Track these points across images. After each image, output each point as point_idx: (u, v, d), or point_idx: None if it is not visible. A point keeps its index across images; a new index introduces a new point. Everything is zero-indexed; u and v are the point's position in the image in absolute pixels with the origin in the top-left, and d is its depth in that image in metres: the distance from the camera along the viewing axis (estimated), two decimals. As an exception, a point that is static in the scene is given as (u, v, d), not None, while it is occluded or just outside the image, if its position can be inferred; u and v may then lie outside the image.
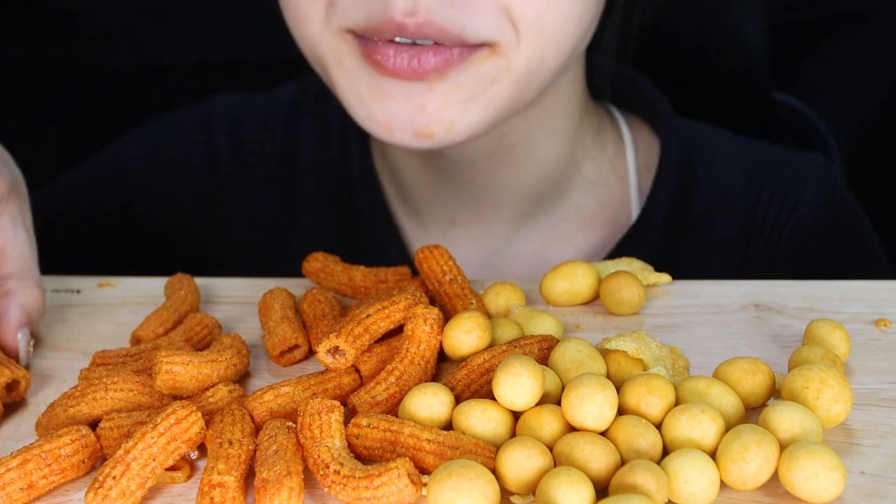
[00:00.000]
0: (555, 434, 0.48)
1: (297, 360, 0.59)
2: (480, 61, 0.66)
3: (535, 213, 0.84)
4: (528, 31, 0.65)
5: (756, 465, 0.45)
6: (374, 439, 0.49)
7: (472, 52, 0.65)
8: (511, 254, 0.85)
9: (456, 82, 0.66)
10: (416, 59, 0.64)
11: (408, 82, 0.65)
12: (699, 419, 0.47)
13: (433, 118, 0.66)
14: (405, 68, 0.64)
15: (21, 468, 0.48)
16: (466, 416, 0.49)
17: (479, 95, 0.67)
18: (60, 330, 0.65)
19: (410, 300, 0.57)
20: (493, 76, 0.67)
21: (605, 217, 0.85)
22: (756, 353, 0.57)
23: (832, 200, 0.86)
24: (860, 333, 0.59)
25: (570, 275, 0.63)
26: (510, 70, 0.67)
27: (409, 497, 0.45)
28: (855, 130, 1.20)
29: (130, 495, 0.46)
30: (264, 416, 0.52)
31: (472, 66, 0.66)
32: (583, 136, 0.83)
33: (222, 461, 0.47)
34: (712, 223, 0.85)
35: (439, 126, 0.66)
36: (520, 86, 0.68)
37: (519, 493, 0.46)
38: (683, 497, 0.45)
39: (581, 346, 0.53)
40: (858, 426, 0.51)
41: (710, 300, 0.63)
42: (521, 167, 0.80)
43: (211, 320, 0.61)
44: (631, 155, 0.86)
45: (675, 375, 0.54)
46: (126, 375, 0.54)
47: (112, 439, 0.51)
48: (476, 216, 0.83)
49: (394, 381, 0.53)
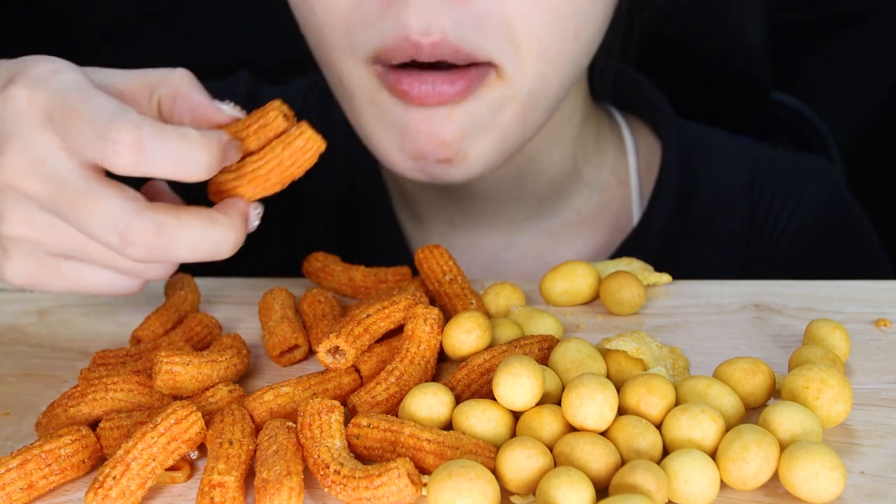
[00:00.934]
0: (555, 434, 0.48)
1: (297, 360, 0.59)
2: (489, 88, 0.66)
3: (535, 217, 0.84)
4: (530, 52, 0.65)
5: (756, 465, 0.45)
6: (374, 439, 0.49)
7: (483, 76, 0.65)
8: (512, 257, 0.85)
9: (469, 110, 0.66)
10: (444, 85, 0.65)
11: (430, 109, 0.66)
12: (699, 419, 0.47)
13: (451, 148, 0.67)
14: (430, 93, 0.65)
15: (21, 468, 0.48)
16: (466, 416, 0.49)
17: (490, 126, 0.67)
18: (60, 330, 0.65)
19: (410, 300, 0.57)
20: (500, 104, 0.67)
21: (606, 220, 0.85)
22: (756, 353, 0.57)
23: (833, 202, 0.86)
24: (860, 333, 0.59)
25: (570, 275, 0.63)
26: (514, 98, 0.67)
27: (409, 497, 0.45)
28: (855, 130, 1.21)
29: (130, 495, 0.46)
30: (264, 416, 0.52)
31: (484, 92, 0.66)
32: (584, 141, 0.84)
33: (222, 461, 0.47)
34: (714, 225, 0.85)
35: (456, 155, 0.68)
36: (525, 110, 0.68)
37: (519, 493, 0.46)
38: (683, 497, 0.45)
39: (581, 346, 0.53)
40: (858, 426, 0.51)
41: (710, 300, 0.63)
42: (521, 172, 0.80)
43: (211, 320, 0.61)
44: (632, 158, 0.86)
45: (675, 375, 0.54)
46: (126, 375, 0.54)
47: (112, 439, 0.51)
48: (476, 220, 0.83)
49: (394, 381, 0.53)
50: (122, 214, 0.50)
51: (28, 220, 0.53)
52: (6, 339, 0.65)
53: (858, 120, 1.22)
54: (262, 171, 0.55)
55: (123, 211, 0.50)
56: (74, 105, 0.50)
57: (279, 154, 0.55)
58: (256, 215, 0.56)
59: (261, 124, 0.55)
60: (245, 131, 0.55)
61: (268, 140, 0.55)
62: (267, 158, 0.55)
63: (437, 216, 0.84)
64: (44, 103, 0.51)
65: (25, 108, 0.51)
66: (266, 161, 0.55)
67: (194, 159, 0.50)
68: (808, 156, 0.92)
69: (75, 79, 0.51)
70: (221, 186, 0.56)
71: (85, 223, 0.51)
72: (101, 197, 0.50)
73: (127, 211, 0.50)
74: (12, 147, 0.51)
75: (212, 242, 0.52)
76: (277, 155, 0.55)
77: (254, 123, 0.55)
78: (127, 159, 0.49)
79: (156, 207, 0.51)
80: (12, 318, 0.67)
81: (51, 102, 0.51)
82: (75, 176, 0.51)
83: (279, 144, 0.55)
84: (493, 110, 0.67)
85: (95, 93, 0.51)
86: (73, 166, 0.51)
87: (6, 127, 0.51)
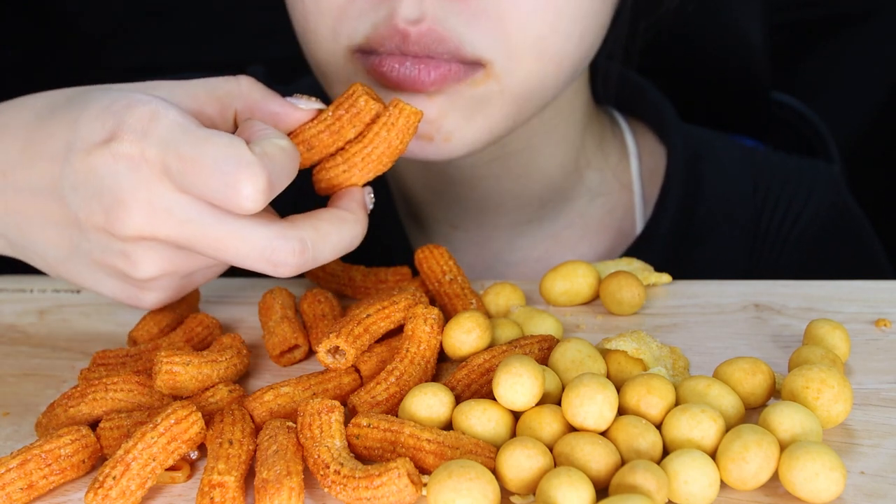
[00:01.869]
0: (555, 434, 0.48)
1: (297, 360, 0.59)
2: (475, 84, 0.66)
3: (537, 220, 0.84)
4: (526, 53, 0.65)
5: (756, 465, 0.45)
6: (374, 439, 0.49)
7: (469, 72, 0.65)
8: (514, 260, 0.85)
9: (451, 98, 0.66)
10: (418, 68, 0.64)
11: (408, 94, 0.65)
12: (699, 419, 0.47)
13: (433, 125, 0.66)
14: (408, 77, 0.64)
15: (21, 468, 0.48)
16: (466, 416, 0.49)
17: (475, 115, 0.67)
18: (60, 330, 0.65)
19: (410, 300, 0.57)
20: (487, 98, 0.66)
21: (609, 225, 0.85)
22: (756, 353, 0.57)
23: (836, 207, 0.86)
24: (860, 333, 0.59)
25: (570, 275, 0.63)
26: (503, 93, 0.66)
27: (409, 497, 0.45)
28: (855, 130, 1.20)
29: (130, 495, 0.46)
30: (264, 416, 0.52)
31: (467, 87, 0.65)
32: (586, 144, 0.83)
33: (222, 461, 0.47)
34: (717, 231, 0.85)
35: (438, 133, 0.67)
36: (517, 105, 0.68)
37: (519, 493, 0.46)
38: (683, 497, 0.45)
39: (581, 346, 0.53)
40: (858, 426, 0.51)
41: (710, 300, 0.63)
42: (522, 174, 0.80)
43: (211, 320, 0.61)
44: (635, 163, 0.86)
45: (675, 375, 0.54)
46: (126, 375, 0.54)
47: (112, 439, 0.51)
48: (478, 221, 0.83)
49: (394, 381, 0.53)
50: (267, 243, 0.51)
51: (162, 260, 0.54)
52: (6, 339, 0.65)
53: (858, 120, 1.22)
54: (373, 156, 0.57)
55: (267, 239, 0.51)
56: (190, 155, 0.50)
57: (386, 137, 0.57)
58: (370, 199, 0.58)
59: (353, 113, 0.57)
60: (338, 122, 0.57)
61: (364, 125, 0.57)
62: (374, 143, 0.57)
63: (439, 217, 0.84)
64: (157, 158, 0.51)
65: (139, 165, 0.51)
66: (374, 146, 0.57)
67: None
68: (810, 160, 0.92)
69: (178, 121, 0.51)
70: (333, 180, 0.58)
71: (232, 259, 0.52)
72: (240, 232, 0.51)
73: (270, 237, 0.51)
74: (134, 203, 0.51)
75: (347, 241, 0.55)
76: (385, 139, 0.57)
77: (345, 113, 0.57)
78: (255, 204, 0.50)
79: (295, 225, 0.52)
80: (12, 318, 0.67)
81: (164, 155, 0.50)
82: (209, 219, 0.51)
83: (383, 128, 0.57)
84: (478, 102, 0.66)
85: (204, 135, 0.51)
86: (203, 210, 0.51)
87: (121, 185, 0.51)
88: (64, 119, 0.54)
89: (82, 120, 0.53)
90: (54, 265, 0.58)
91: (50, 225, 0.56)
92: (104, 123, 0.52)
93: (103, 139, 0.52)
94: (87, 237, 0.54)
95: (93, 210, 0.53)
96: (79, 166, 0.53)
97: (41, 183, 0.55)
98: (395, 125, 0.57)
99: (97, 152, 0.52)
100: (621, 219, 0.85)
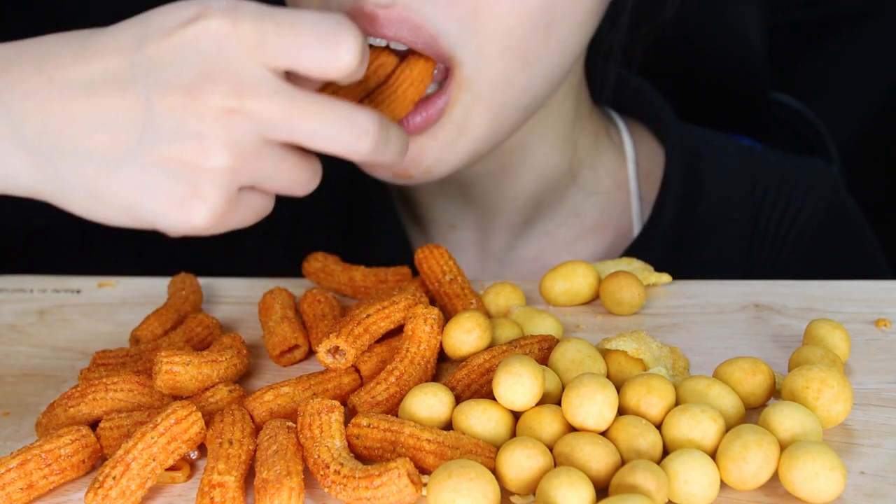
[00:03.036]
0: (555, 434, 0.48)
1: (297, 360, 0.59)
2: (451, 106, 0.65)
3: (534, 219, 0.84)
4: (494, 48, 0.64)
5: (756, 465, 0.45)
6: (374, 439, 0.49)
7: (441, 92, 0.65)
8: (511, 259, 0.85)
9: (433, 134, 0.66)
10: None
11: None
12: (699, 419, 0.47)
13: (411, 162, 0.67)
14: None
15: (21, 468, 0.48)
16: (466, 416, 0.49)
17: (457, 140, 0.67)
18: (60, 330, 0.65)
19: (410, 300, 0.57)
20: (465, 118, 0.66)
21: (605, 225, 0.85)
22: (756, 353, 0.57)
23: (834, 207, 0.86)
24: (860, 333, 0.59)
25: (570, 275, 0.63)
26: (477, 104, 0.66)
27: (409, 497, 0.45)
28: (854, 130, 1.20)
29: (130, 495, 0.46)
30: (264, 416, 0.52)
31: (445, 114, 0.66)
32: (579, 143, 0.83)
33: (222, 461, 0.47)
34: (716, 231, 0.85)
35: (417, 169, 0.67)
36: (494, 115, 0.67)
37: (519, 493, 0.46)
38: (683, 497, 0.45)
39: (581, 346, 0.53)
40: (858, 426, 0.51)
41: (710, 300, 0.63)
42: (517, 172, 0.80)
43: (211, 321, 0.61)
44: (631, 162, 0.86)
45: (675, 375, 0.54)
46: (126, 375, 0.54)
47: (112, 439, 0.51)
48: (475, 221, 0.83)
49: (394, 381, 0.53)
50: (350, 111, 0.52)
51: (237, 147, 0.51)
52: (6, 339, 0.65)
53: (858, 120, 1.22)
54: (399, 92, 0.62)
55: (349, 108, 0.52)
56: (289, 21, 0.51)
57: (410, 74, 0.62)
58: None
59: (378, 64, 0.62)
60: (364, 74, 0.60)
61: (387, 74, 0.63)
62: (400, 80, 0.62)
63: (436, 216, 0.84)
64: (252, 29, 0.50)
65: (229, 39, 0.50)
66: (400, 82, 0.62)
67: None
68: (808, 160, 0.91)
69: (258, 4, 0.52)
70: None
71: (319, 127, 0.52)
72: (326, 101, 0.52)
73: (351, 107, 0.52)
74: (222, 75, 0.50)
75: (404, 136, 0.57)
76: (409, 76, 0.62)
77: (371, 64, 0.61)
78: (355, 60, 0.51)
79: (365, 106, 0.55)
80: (12, 318, 0.67)
81: (261, 24, 0.50)
82: (296, 91, 0.51)
83: (406, 68, 0.63)
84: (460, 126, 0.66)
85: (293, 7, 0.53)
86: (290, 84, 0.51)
87: (207, 59, 0.50)
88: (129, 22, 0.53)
89: (156, 14, 0.52)
90: (94, 178, 0.52)
91: (101, 123, 0.52)
92: (185, 9, 0.51)
93: (188, 19, 0.51)
94: (157, 124, 0.51)
95: (171, 89, 0.50)
96: (154, 50, 0.51)
97: (100, 77, 0.52)
98: (414, 69, 0.62)
99: (179, 32, 0.51)
100: (617, 218, 0.85)
